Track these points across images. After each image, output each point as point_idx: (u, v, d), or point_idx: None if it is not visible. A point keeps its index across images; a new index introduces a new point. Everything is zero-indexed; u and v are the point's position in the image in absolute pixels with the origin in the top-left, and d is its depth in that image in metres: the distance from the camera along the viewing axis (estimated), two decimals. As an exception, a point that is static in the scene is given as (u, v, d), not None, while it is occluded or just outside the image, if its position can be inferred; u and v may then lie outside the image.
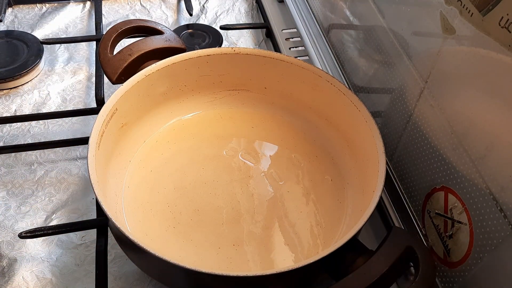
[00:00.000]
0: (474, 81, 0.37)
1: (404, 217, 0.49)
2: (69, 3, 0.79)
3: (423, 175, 0.45)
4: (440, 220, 0.43)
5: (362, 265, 0.38)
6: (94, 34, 0.72)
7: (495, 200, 0.36)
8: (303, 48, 0.70)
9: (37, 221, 0.52)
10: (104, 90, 0.62)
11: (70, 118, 0.62)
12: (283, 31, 0.74)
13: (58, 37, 0.74)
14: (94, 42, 0.72)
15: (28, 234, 0.47)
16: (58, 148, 0.58)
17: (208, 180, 0.52)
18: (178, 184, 0.52)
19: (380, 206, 0.52)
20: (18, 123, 0.61)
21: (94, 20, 0.75)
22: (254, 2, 0.82)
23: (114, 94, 0.49)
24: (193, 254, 0.46)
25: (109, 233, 0.49)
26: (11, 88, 0.65)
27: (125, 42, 0.61)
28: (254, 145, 0.56)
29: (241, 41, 0.76)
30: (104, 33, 0.62)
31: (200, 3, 0.81)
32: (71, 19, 0.77)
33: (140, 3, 0.80)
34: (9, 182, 0.55)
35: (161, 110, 0.56)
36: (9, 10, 0.77)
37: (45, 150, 0.58)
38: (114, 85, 0.57)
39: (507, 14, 0.32)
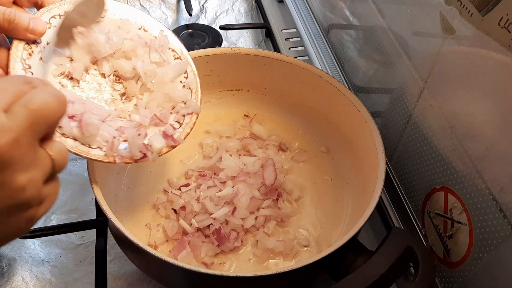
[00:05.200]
0: (474, 81, 0.37)
1: (404, 217, 0.49)
2: (68, 3, 0.79)
3: (423, 175, 0.45)
4: (439, 220, 0.43)
5: (362, 265, 0.39)
6: (94, 34, 0.72)
7: (495, 200, 0.36)
8: (302, 48, 0.70)
9: (36, 221, 0.52)
10: (104, 90, 0.62)
11: (69, 118, 0.62)
12: (282, 31, 0.74)
13: (57, 37, 0.73)
14: (94, 42, 0.72)
15: (27, 234, 0.47)
16: (57, 148, 0.58)
17: (207, 180, 0.52)
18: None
19: (380, 206, 0.52)
20: (17, 123, 0.61)
21: (93, 20, 0.75)
22: (253, 2, 0.81)
23: (114, 94, 0.49)
24: (193, 254, 0.46)
25: (109, 233, 0.49)
26: (10, 88, 0.65)
27: (124, 42, 0.61)
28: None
29: (240, 41, 0.76)
30: (103, 33, 0.62)
31: (199, 3, 0.81)
32: (71, 19, 0.77)
33: (140, 3, 0.80)
34: (8, 182, 0.55)
35: (161, 110, 0.56)
36: (9, 10, 0.77)
37: (45, 150, 0.58)
38: (113, 85, 0.57)
39: (507, 14, 0.32)
